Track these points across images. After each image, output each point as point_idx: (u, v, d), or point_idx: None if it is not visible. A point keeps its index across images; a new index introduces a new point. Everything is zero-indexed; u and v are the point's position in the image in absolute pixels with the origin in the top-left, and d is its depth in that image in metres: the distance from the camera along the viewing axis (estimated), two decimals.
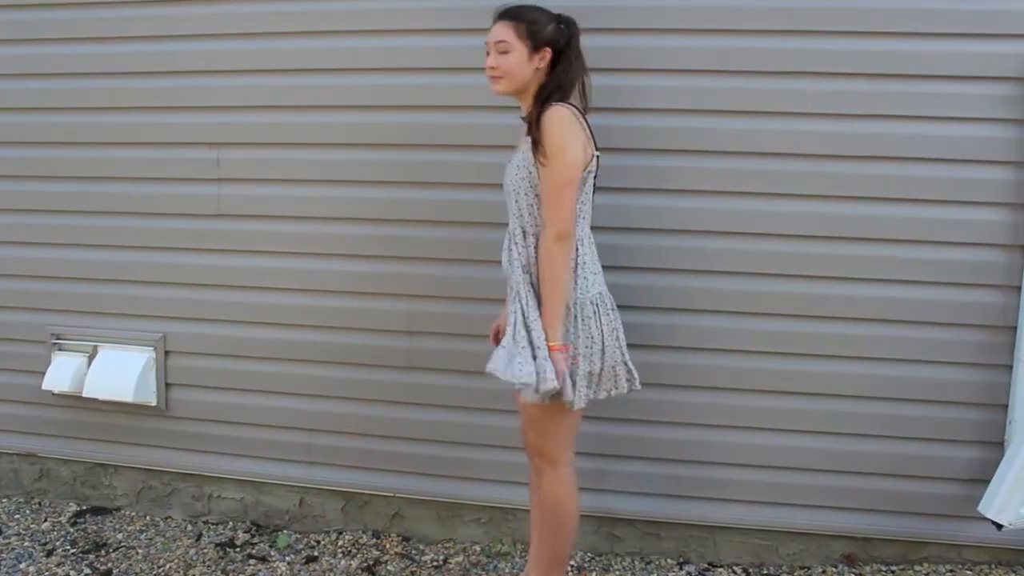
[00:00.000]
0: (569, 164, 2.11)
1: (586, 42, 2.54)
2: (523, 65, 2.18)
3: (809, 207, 2.60)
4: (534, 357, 2.10)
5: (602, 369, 2.20)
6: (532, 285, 2.19)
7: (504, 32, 2.18)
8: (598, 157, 2.23)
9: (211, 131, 2.90)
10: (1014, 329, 2.56)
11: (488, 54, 2.22)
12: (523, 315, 2.15)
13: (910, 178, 2.56)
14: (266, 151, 2.88)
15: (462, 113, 2.73)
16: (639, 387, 2.30)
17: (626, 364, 2.27)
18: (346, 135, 2.82)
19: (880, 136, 2.55)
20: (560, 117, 2.12)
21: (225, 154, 2.91)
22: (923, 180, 2.55)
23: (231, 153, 2.90)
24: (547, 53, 2.20)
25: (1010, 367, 2.57)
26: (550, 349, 2.11)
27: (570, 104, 2.18)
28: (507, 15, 2.22)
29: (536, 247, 2.19)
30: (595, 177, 2.24)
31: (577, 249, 2.18)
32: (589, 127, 2.21)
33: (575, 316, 2.16)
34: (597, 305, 2.20)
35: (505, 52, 2.17)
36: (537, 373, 2.08)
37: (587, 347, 2.17)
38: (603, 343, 2.19)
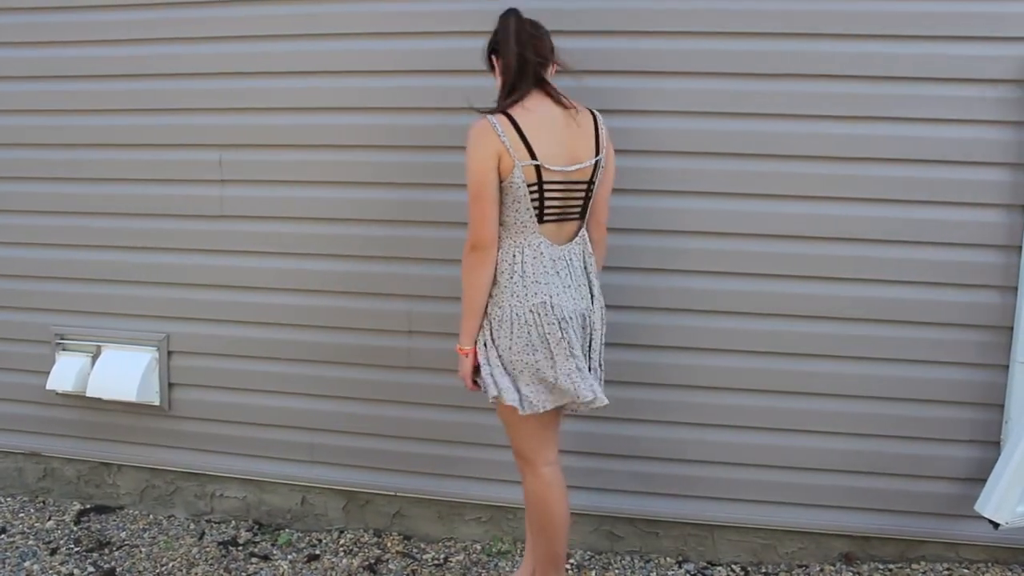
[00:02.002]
0: (471, 179, 2.15)
1: (591, 44, 2.58)
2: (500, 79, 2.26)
3: (808, 208, 2.62)
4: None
5: (529, 382, 2.18)
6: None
7: None
8: (538, 167, 2.13)
9: (214, 133, 2.92)
10: (1011, 329, 2.57)
11: None
12: None
13: (908, 179, 2.57)
14: (269, 153, 2.90)
15: (465, 115, 2.74)
16: (582, 409, 2.25)
17: (551, 383, 2.17)
18: (348, 137, 2.84)
19: (879, 138, 2.56)
20: (471, 133, 2.17)
21: (228, 156, 2.93)
22: (921, 181, 2.57)
23: (234, 155, 2.92)
24: (498, 60, 2.25)
25: (1006, 367, 2.58)
26: (457, 350, 2.27)
27: (508, 113, 2.14)
28: None
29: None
30: (536, 187, 2.15)
31: (515, 256, 2.18)
32: (528, 134, 2.12)
33: (508, 322, 2.16)
34: (538, 315, 2.15)
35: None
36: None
37: (514, 353, 2.16)
38: (535, 355, 2.16)
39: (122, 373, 3.01)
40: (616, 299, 2.64)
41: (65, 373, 3.07)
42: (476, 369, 2.26)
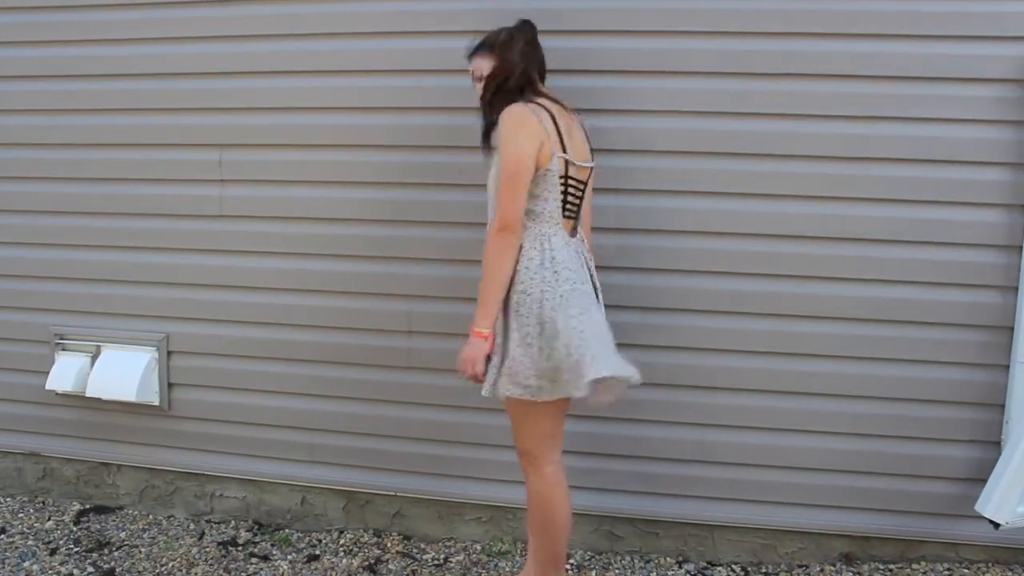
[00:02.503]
0: (510, 161, 2.15)
1: (591, 44, 2.57)
2: (489, 84, 2.32)
3: (807, 208, 2.62)
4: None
5: (560, 368, 2.14)
6: None
7: (476, 65, 2.37)
8: (567, 161, 2.22)
9: (214, 133, 2.92)
10: (1011, 329, 2.57)
11: None
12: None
13: (908, 179, 2.57)
14: (268, 152, 2.89)
15: (465, 115, 2.74)
16: (582, 392, 2.17)
17: (579, 367, 2.15)
18: (347, 136, 2.84)
19: (879, 138, 2.56)
20: (510, 116, 2.19)
21: (228, 155, 2.92)
22: (921, 181, 2.57)
23: (234, 154, 2.92)
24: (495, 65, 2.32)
25: (1007, 367, 2.58)
26: (473, 333, 2.17)
27: (539, 103, 2.22)
28: (475, 49, 2.37)
29: None
30: (564, 180, 2.22)
31: (543, 244, 2.20)
32: (561, 128, 2.21)
33: (540, 309, 2.15)
34: (566, 301, 2.16)
35: (479, 79, 2.37)
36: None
37: (546, 342, 2.14)
38: (564, 342, 2.14)
39: (122, 373, 3.01)
40: (616, 299, 2.63)
41: (65, 373, 3.07)
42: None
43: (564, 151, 2.21)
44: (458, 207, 2.78)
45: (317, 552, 2.89)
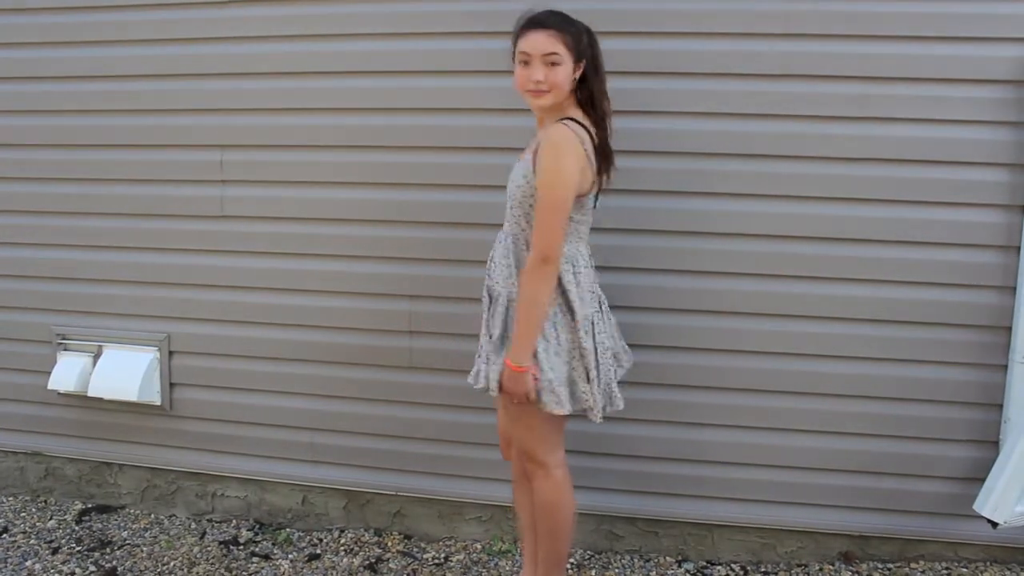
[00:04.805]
0: (560, 189, 2.04)
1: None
2: (569, 79, 2.09)
3: (807, 208, 2.62)
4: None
5: (600, 382, 2.20)
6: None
7: (554, 43, 2.04)
8: (597, 180, 2.19)
9: (215, 133, 2.93)
10: (1009, 329, 2.58)
11: (527, 64, 2.06)
12: (507, 322, 2.17)
13: (906, 180, 2.58)
14: (269, 153, 2.90)
15: (465, 115, 2.75)
16: (622, 406, 2.28)
17: (601, 394, 2.23)
18: (348, 137, 2.84)
19: (878, 138, 2.57)
20: (563, 138, 2.05)
21: (229, 156, 2.93)
22: (919, 182, 2.57)
23: (234, 155, 2.93)
24: (581, 66, 2.13)
25: (1005, 367, 2.59)
26: (512, 368, 2.08)
27: (579, 122, 2.13)
28: (554, 24, 2.06)
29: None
30: (595, 197, 2.22)
31: (573, 267, 2.16)
32: (596, 147, 2.15)
33: (578, 331, 2.15)
34: (593, 323, 2.19)
35: (555, 64, 2.05)
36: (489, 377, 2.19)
37: (586, 361, 2.17)
38: (597, 360, 2.19)
39: (123, 373, 3.02)
40: (616, 299, 2.64)
41: (66, 373, 3.07)
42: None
43: (598, 173, 2.16)
44: (459, 207, 2.79)
45: (318, 551, 2.90)
